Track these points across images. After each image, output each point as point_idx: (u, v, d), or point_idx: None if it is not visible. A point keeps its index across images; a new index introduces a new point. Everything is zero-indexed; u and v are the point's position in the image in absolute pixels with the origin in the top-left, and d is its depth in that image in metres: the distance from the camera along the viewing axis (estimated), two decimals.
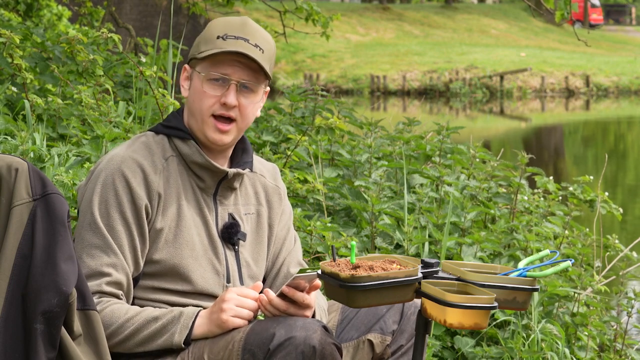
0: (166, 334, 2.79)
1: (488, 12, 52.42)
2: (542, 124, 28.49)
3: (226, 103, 2.91)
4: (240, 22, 2.96)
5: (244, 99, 2.94)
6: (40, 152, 4.53)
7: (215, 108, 2.93)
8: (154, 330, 2.80)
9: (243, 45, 2.91)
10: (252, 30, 2.95)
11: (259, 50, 2.92)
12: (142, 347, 2.81)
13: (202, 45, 2.95)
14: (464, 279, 2.87)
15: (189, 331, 2.79)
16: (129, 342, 2.81)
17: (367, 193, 5.14)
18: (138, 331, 2.80)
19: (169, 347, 2.79)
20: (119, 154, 2.92)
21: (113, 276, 2.84)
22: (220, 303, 2.80)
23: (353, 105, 15.09)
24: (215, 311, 2.80)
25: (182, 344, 2.78)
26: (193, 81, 2.96)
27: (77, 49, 5.39)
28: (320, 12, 9.03)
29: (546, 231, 5.21)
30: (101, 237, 2.85)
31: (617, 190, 14.69)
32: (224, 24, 2.95)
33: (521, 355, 4.50)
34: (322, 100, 5.95)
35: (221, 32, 2.92)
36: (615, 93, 37.56)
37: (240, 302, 2.80)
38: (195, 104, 2.95)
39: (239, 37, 2.91)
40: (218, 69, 2.91)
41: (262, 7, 16.84)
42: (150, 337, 2.80)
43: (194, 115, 2.96)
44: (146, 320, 2.81)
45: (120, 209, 2.86)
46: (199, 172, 2.97)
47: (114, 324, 2.80)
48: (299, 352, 2.66)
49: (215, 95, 2.92)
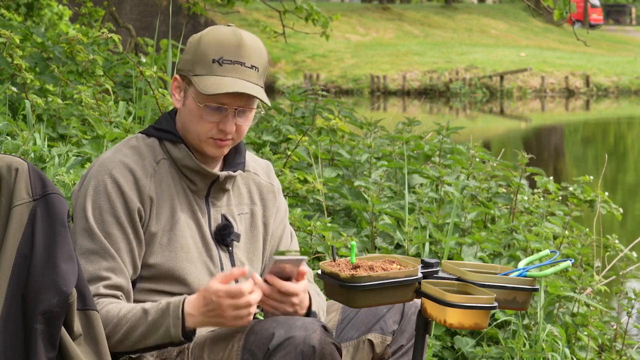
0: (161, 328, 2.77)
1: (488, 12, 52.42)
2: (542, 124, 28.49)
3: (224, 130, 2.91)
4: (235, 42, 2.90)
5: (240, 119, 2.93)
6: (42, 152, 4.54)
7: (213, 132, 2.92)
8: (148, 325, 2.78)
9: (240, 73, 2.88)
10: (248, 50, 2.90)
11: (255, 70, 2.90)
12: (142, 343, 2.80)
13: (198, 67, 2.90)
14: (464, 279, 2.87)
15: (181, 323, 2.76)
16: (128, 340, 2.80)
17: (367, 193, 5.14)
18: (133, 328, 2.79)
19: (170, 340, 2.78)
20: (109, 159, 2.91)
21: (112, 280, 2.84)
22: (216, 308, 2.74)
23: (353, 105, 15.10)
24: (213, 316, 2.76)
25: (182, 337, 2.77)
26: (188, 100, 2.93)
27: (77, 49, 5.39)
28: (320, 12, 9.03)
29: (546, 231, 5.21)
30: (98, 242, 2.85)
31: (617, 190, 14.69)
32: (218, 44, 2.90)
33: (522, 355, 4.51)
34: (322, 100, 5.95)
35: (216, 55, 2.88)
36: (615, 93, 37.56)
37: (236, 305, 2.75)
38: (192, 125, 2.93)
39: (236, 62, 2.88)
40: (216, 99, 2.88)
41: (261, 7, 16.84)
42: (147, 333, 2.79)
43: (189, 133, 2.94)
44: (137, 316, 2.79)
45: (114, 214, 2.86)
46: (190, 175, 2.96)
47: (110, 323, 2.79)
48: (298, 351, 2.66)
49: (213, 122, 2.91)
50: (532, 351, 4.52)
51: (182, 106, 2.96)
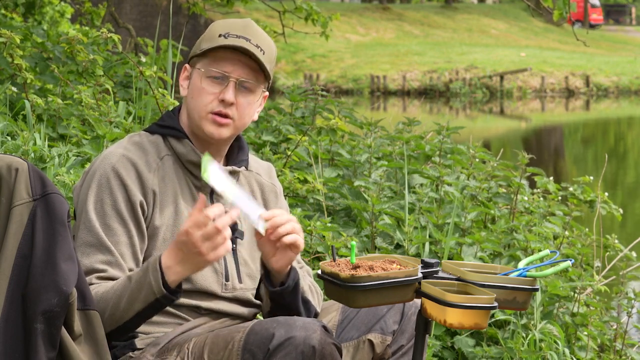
0: (144, 287, 2.73)
1: (488, 12, 52.43)
2: (542, 124, 28.50)
3: (224, 99, 2.92)
4: (242, 23, 2.98)
5: (242, 97, 2.95)
6: (42, 152, 4.54)
7: (213, 105, 2.93)
8: (132, 289, 2.74)
9: (244, 44, 2.92)
10: (254, 31, 2.96)
11: (260, 51, 2.94)
12: (131, 311, 2.75)
13: (204, 43, 2.96)
14: (464, 279, 2.87)
15: (160, 275, 2.71)
16: (117, 310, 2.76)
17: (367, 193, 5.14)
18: (120, 297, 2.75)
19: (154, 299, 2.72)
20: (112, 153, 2.92)
21: (107, 272, 2.82)
22: (189, 245, 2.68)
23: (353, 105, 15.09)
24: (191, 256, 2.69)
25: (164, 290, 2.71)
26: (192, 79, 2.97)
27: (77, 49, 5.39)
28: (319, 12, 9.03)
29: (546, 231, 5.21)
30: (95, 235, 2.84)
31: (617, 190, 14.69)
32: (227, 23, 2.97)
33: (521, 355, 4.51)
34: (322, 100, 5.95)
35: (223, 31, 2.94)
36: (615, 93, 37.57)
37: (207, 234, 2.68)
38: (193, 100, 2.95)
39: (241, 37, 2.93)
40: (218, 66, 2.93)
41: (261, 7, 16.83)
42: (132, 297, 2.74)
43: (191, 112, 2.96)
44: (122, 284, 2.76)
45: (115, 207, 2.86)
46: (195, 170, 2.97)
47: (100, 301, 2.75)
48: (298, 352, 2.66)
49: (214, 92, 2.93)
50: (531, 351, 4.52)
51: (187, 90, 2.98)
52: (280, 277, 2.92)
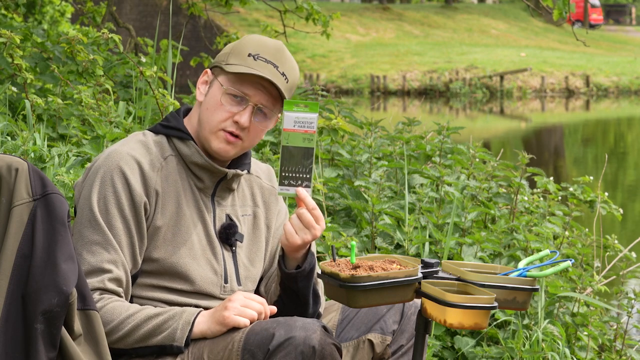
0: (167, 330, 2.79)
1: (488, 12, 52.43)
2: (542, 124, 28.49)
3: (239, 122, 2.93)
4: (274, 46, 2.96)
5: (257, 122, 2.96)
6: (42, 152, 4.53)
7: (227, 124, 2.94)
8: (154, 326, 2.80)
9: (271, 71, 2.92)
10: (284, 57, 2.96)
11: (285, 79, 2.95)
12: (142, 343, 2.81)
13: (232, 57, 2.95)
14: (464, 279, 2.87)
15: (190, 328, 2.79)
16: (129, 338, 2.81)
17: (367, 193, 5.14)
18: (138, 327, 2.80)
19: (169, 343, 2.78)
20: (117, 151, 2.92)
21: (114, 272, 2.84)
22: (226, 302, 2.81)
23: (353, 105, 15.08)
24: (219, 309, 2.80)
25: (183, 344, 2.78)
26: (212, 89, 2.97)
27: (77, 49, 5.39)
28: (320, 11, 9.03)
29: (546, 231, 5.21)
30: (101, 233, 2.85)
31: (617, 190, 14.69)
32: (259, 43, 2.96)
33: (521, 355, 4.51)
34: (322, 100, 5.95)
35: (254, 51, 2.93)
36: (615, 93, 37.56)
37: (245, 302, 2.80)
38: (208, 112, 2.95)
39: (269, 62, 2.93)
40: (240, 87, 2.93)
41: (262, 7, 16.84)
42: (150, 333, 2.80)
43: (203, 123, 2.96)
44: (147, 317, 2.81)
45: (119, 206, 2.87)
46: (198, 172, 2.98)
47: (115, 320, 2.80)
48: (298, 352, 2.67)
49: (231, 112, 2.93)
50: (532, 351, 4.52)
51: (204, 98, 2.98)
52: (297, 259, 2.95)
